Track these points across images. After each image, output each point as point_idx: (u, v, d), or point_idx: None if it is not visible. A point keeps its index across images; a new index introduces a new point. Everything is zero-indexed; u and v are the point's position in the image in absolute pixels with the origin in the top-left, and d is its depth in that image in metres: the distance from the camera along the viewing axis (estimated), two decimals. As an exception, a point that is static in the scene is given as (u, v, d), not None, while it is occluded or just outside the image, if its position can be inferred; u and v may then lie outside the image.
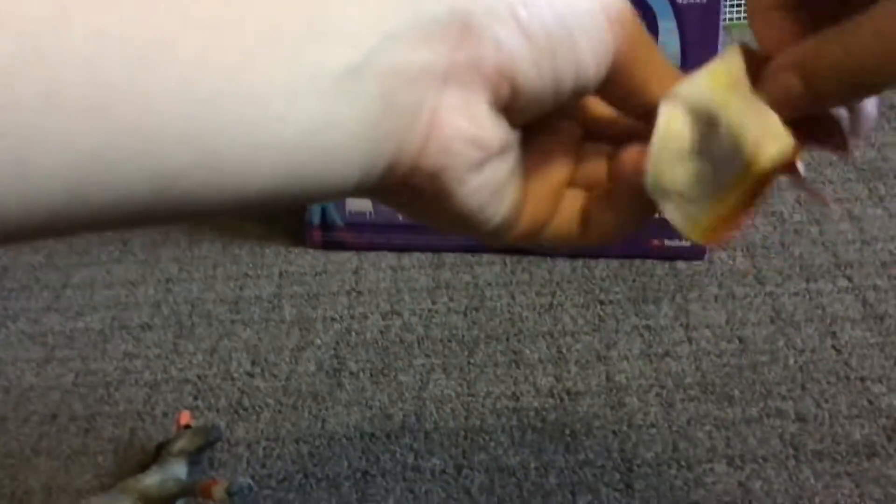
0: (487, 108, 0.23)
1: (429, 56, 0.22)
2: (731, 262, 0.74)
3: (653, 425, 0.60)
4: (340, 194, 0.23)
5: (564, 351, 0.67)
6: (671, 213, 0.27)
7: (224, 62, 0.19)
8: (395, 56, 0.21)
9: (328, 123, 0.21)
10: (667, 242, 0.75)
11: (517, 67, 0.23)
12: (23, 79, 0.16)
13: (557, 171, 0.27)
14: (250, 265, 0.80)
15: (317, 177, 0.21)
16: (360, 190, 0.23)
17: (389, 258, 0.79)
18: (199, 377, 0.68)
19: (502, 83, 0.23)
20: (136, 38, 0.18)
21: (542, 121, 0.27)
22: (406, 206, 0.26)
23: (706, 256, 0.75)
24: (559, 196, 0.28)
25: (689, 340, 0.67)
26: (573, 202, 0.28)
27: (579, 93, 0.24)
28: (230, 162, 0.20)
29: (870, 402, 0.60)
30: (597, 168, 0.28)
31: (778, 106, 0.25)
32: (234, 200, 0.20)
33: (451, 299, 0.74)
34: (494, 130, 0.24)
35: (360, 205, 0.79)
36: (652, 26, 0.71)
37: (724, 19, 1.16)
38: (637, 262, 0.75)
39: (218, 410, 0.65)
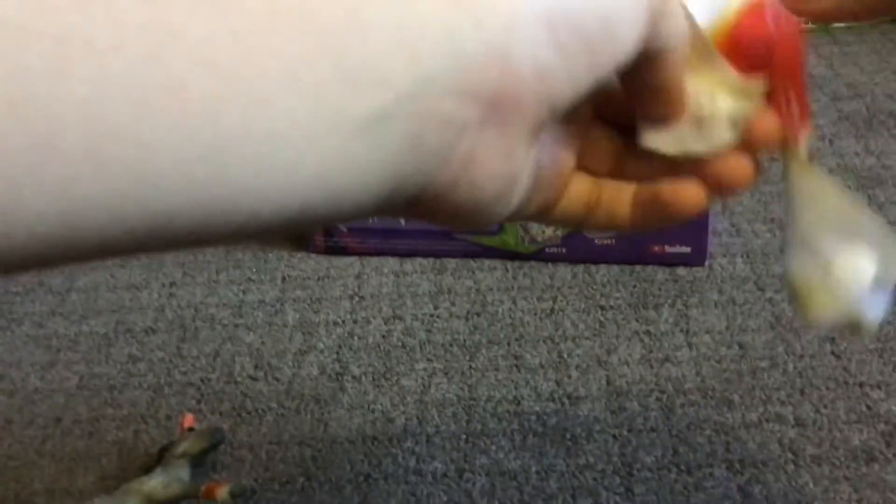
0: (525, 140, 0.22)
1: (465, 104, 0.20)
2: (731, 268, 0.75)
3: (653, 430, 0.61)
4: (351, 220, 0.22)
5: (565, 355, 0.68)
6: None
7: (236, 108, 0.18)
8: (430, 101, 0.20)
9: (347, 166, 0.20)
10: (667, 248, 0.75)
11: (555, 88, 0.21)
12: (17, 125, 0.16)
13: (568, 156, 0.27)
14: (253, 270, 0.81)
15: (328, 212, 0.20)
16: (373, 216, 0.22)
17: (392, 263, 0.80)
18: (202, 381, 0.69)
19: (541, 110, 0.22)
20: (141, 82, 0.17)
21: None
22: (419, 219, 0.25)
23: (707, 262, 0.75)
24: (568, 179, 0.27)
25: (690, 346, 0.67)
26: (580, 186, 0.28)
27: (620, 61, 0.23)
28: (233, 203, 0.19)
29: (868, 407, 0.61)
30: (604, 154, 0.28)
31: None
32: (234, 235, 0.20)
33: (452, 304, 0.74)
34: (527, 156, 0.23)
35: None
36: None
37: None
38: (638, 267, 0.76)
39: (221, 413, 0.65)
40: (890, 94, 0.99)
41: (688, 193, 0.26)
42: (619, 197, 0.28)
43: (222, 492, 0.54)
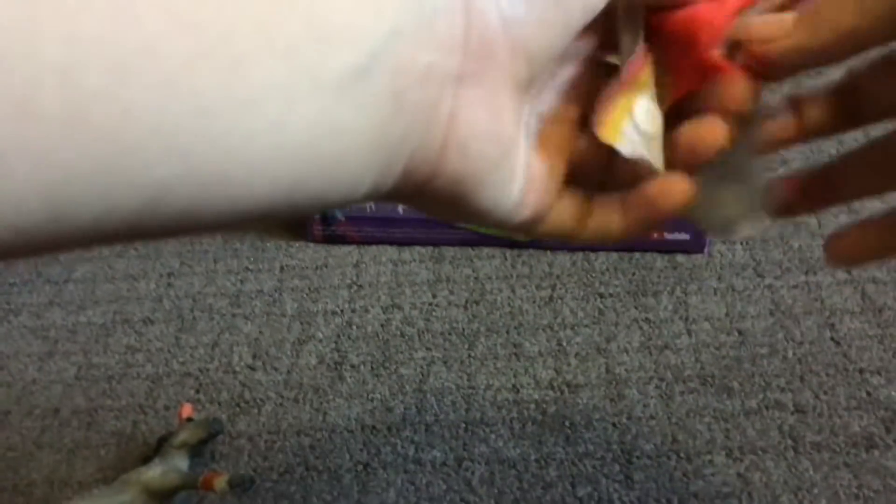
0: (508, 98, 0.22)
1: (438, 51, 0.20)
2: (730, 255, 0.75)
3: (652, 417, 0.60)
4: (351, 202, 0.21)
5: (564, 343, 0.67)
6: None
7: (213, 68, 0.17)
8: (403, 54, 0.20)
9: (333, 130, 0.19)
10: (666, 235, 0.75)
11: (527, 37, 0.21)
12: None
13: (558, 160, 0.27)
14: (251, 259, 0.80)
15: (323, 186, 0.20)
16: (371, 197, 0.22)
17: (390, 252, 0.79)
18: (200, 371, 0.68)
19: (518, 64, 0.22)
20: (114, 43, 0.16)
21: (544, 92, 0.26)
22: (423, 208, 0.25)
23: (706, 249, 0.75)
24: (559, 185, 0.27)
25: (689, 333, 0.67)
26: (570, 198, 0.27)
27: (592, 14, 0.23)
28: (224, 173, 0.18)
29: (868, 393, 0.60)
30: (593, 163, 0.28)
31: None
32: (231, 214, 0.19)
33: (451, 293, 0.74)
34: (513, 118, 0.23)
35: (361, 199, 0.79)
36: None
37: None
38: (637, 254, 0.76)
39: (219, 403, 0.65)
40: (890, 79, 0.98)
41: (673, 186, 0.26)
42: (610, 205, 0.27)
43: (220, 482, 0.54)
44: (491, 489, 0.57)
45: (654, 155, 0.26)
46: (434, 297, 0.74)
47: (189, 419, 0.60)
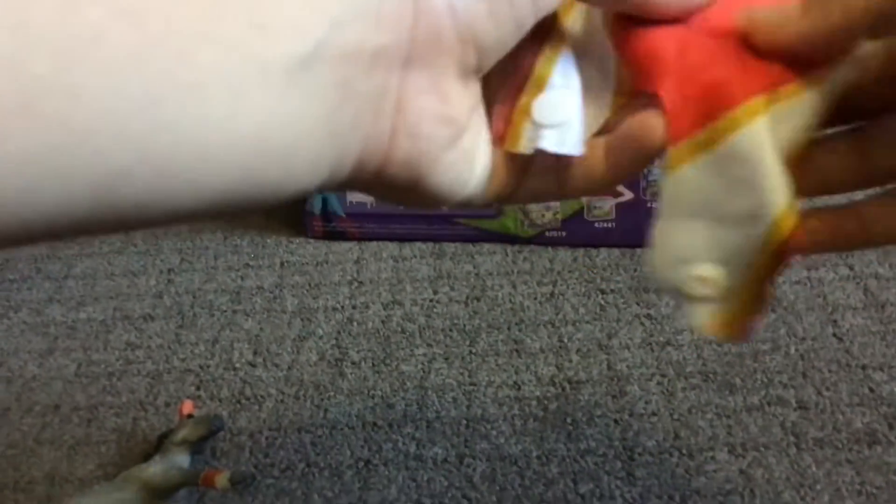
0: (456, 81, 0.22)
1: (384, 38, 0.20)
2: (732, 250, 0.74)
3: (654, 414, 0.60)
4: (307, 192, 0.21)
5: (566, 340, 0.67)
6: (690, 305, 0.25)
7: (159, 56, 0.17)
8: (347, 41, 0.20)
9: (283, 119, 0.19)
10: (668, 231, 0.75)
11: (477, 27, 0.21)
12: None
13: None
14: (251, 255, 0.80)
15: (277, 176, 0.20)
16: (328, 187, 0.22)
17: (391, 248, 0.79)
18: (201, 367, 0.68)
19: (467, 50, 0.22)
20: (61, 31, 0.16)
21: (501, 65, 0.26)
22: (382, 196, 0.25)
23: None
24: (524, 161, 0.27)
25: (691, 329, 0.67)
26: (545, 158, 0.27)
27: (542, 14, 0.23)
28: (176, 164, 0.18)
29: (871, 389, 0.60)
30: None
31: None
32: (185, 206, 0.19)
33: (452, 289, 0.74)
34: (463, 101, 0.23)
35: (362, 195, 0.79)
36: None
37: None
38: (638, 251, 0.75)
39: (220, 400, 0.65)
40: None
41: (653, 121, 0.25)
42: (592, 153, 0.27)
43: (221, 479, 0.53)
44: (492, 486, 0.57)
45: (569, 141, 0.25)
46: (435, 293, 0.74)
47: (190, 416, 0.60)
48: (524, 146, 0.24)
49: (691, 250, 0.25)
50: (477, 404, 0.63)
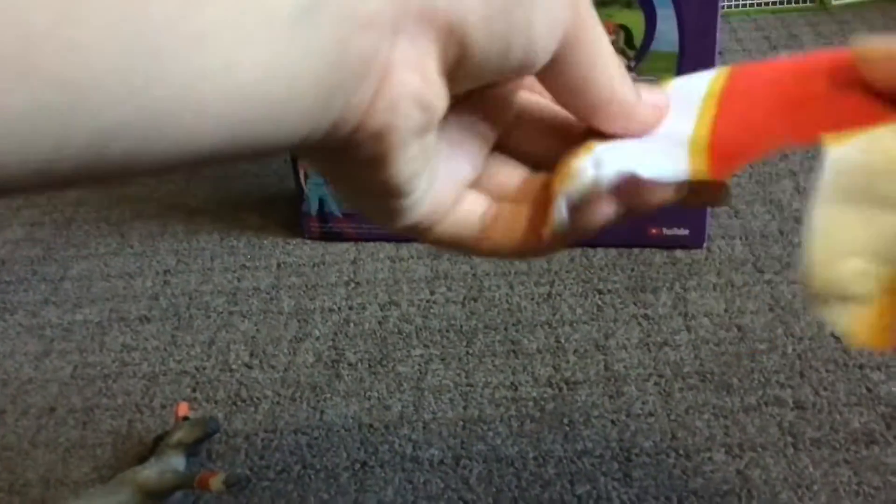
0: (436, 68, 0.22)
1: (383, 3, 0.20)
2: (729, 250, 0.74)
3: (651, 414, 0.60)
4: (280, 152, 0.21)
5: (563, 340, 0.67)
6: (838, 316, 0.22)
7: (163, 4, 0.17)
8: (350, 2, 0.20)
9: (281, 72, 0.19)
10: (665, 231, 0.75)
11: (469, 23, 0.21)
12: None
13: (468, 165, 0.26)
14: (248, 256, 0.80)
15: (265, 131, 0.20)
16: (299, 148, 0.21)
17: (387, 248, 0.79)
18: (197, 369, 0.68)
19: (451, 41, 0.21)
20: None
21: (467, 104, 0.26)
22: (336, 171, 0.24)
23: (705, 245, 0.75)
24: (461, 190, 0.27)
25: (688, 329, 0.67)
26: (474, 204, 0.27)
27: (522, 69, 0.23)
28: (173, 116, 0.18)
29: (868, 389, 0.60)
30: (505, 179, 0.27)
31: None
32: (172, 158, 0.19)
33: (449, 289, 0.74)
34: (442, 93, 0.22)
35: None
36: (650, 15, 0.70)
37: (723, 6, 1.16)
38: (635, 250, 0.75)
39: (216, 402, 0.65)
40: (890, 72, 0.98)
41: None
42: (519, 213, 0.27)
43: (216, 481, 0.53)
44: (489, 487, 0.56)
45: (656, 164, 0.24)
46: (432, 293, 0.73)
47: (185, 418, 0.60)
48: (579, 179, 0.24)
49: (852, 242, 0.22)
50: (473, 405, 0.62)
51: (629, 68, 0.72)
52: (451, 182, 0.26)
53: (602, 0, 0.70)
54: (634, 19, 0.70)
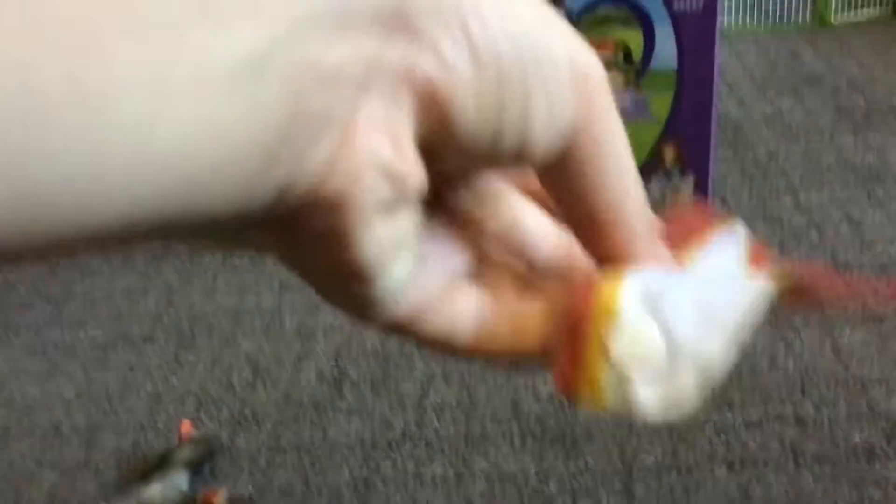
0: (411, 136, 0.18)
1: (351, 50, 0.16)
2: (730, 266, 0.74)
3: (653, 431, 0.60)
4: (209, 226, 0.17)
5: (564, 357, 0.67)
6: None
7: (54, 52, 0.14)
8: (312, 47, 0.16)
9: (214, 135, 0.15)
10: (666, 248, 0.75)
11: (456, 94, 0.17)
12: None
13: (460, 254, 0.22)
14: (251, 276, 0.80)
15: (187, 203, 0.16)
16: (234, 220, 0.17)
17: (389, 267, 0.79)
18: (200, 388, 0.68)
19: (433, 111, 0.17)
20: None
21: (458, 189, 0.21)
22: (289, 252, 0.20)
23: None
24: (454, 282, 0.22)
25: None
26: (465, 300, 0.22)
27: (518, 159, 0.19)
28: (65, 192, 0.14)
29: (869, 405, 0.60)
30: (503, 280, 0.22)
31: None
32: (72, 241, 0.15)
33: (451, 307, 0.74)
34: (416, 167, 0.18)
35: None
36: (649, 33, 0.71)
37: (722, 24, 1.16)
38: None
39: (220, 421, 0.65)
40: (889, 89, 0.98)
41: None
42: (529, 312, 0.22)
43: (220, 499, 0.54)
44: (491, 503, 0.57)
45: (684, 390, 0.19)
46: (434, 311, 0.74)
47: (189, 437, 0.60)
48: (610, 401, 0.18)
49: None
50: (475, 422, 0.63)
51: (628, 86, 0.73)
52: (442, 271, 0.21)
53: (601, 19, 0.71)
54: (633, 37, 0.71)
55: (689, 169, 0.74)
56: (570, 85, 0.18)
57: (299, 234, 0.18)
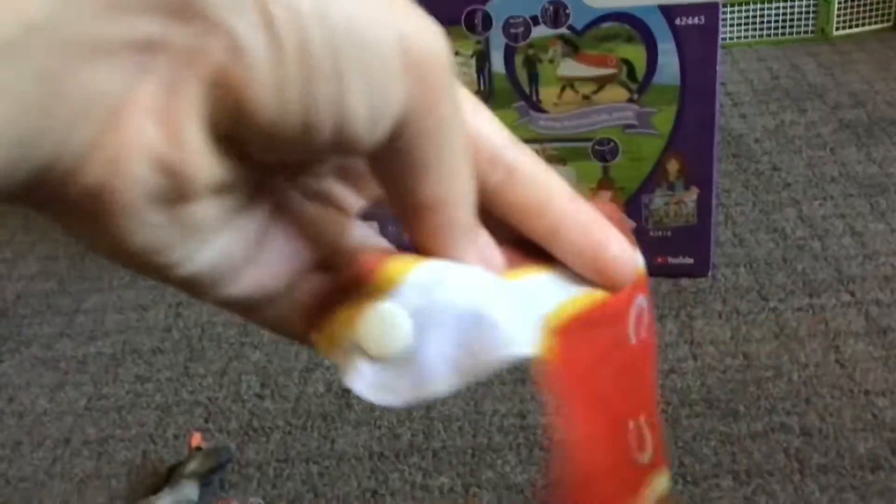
0: (198, 127, 0.16)
1: (123, 31, 0.15)
2: (734, 278, 0.75)
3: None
4: None
5: (570, 369, 0.68)
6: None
7: None
8: (78, 28, 0.14)
9: None
10: (670, 259, 0.76)
11: (251, 82, 0.16)
12: None
13: (302, 240, 0.20)
14: (259, 288, 0.81)
15: None
16: None
17: (396, 279, 0.80)
18: (209, 399, 0.69)
19: (225, 98, 0.16)
20: None
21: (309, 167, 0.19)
22: (60, 222, 0.18)
23: (710, 273, 0.76)
24: (294, 268, 0.20)
25: (694, 356, 0.67)
26: (309, 284, 0.20)
27: (343, 150, 0.17)
28: None
29: (874, 415, 0.61)
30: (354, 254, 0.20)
31: None
32: None
33: (457, 319, 0.74)
34: (205, 161, 0.16)
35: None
36: (651, 48, 0.72)
37: (724, 38, 1.17)
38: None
39: (229, 433, 0.66)
40: (891, 101, 0.99)
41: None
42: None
43: (230, 510, 0.54)
44: (499, 515, 0.57)
45: (400, 388, 0.18)
46: (440, 323, 0.74)
47: (198, 448, 0.61)
48: (339, 359, 0.18)
49: None
50: (482, 433, 0.63)
51: (632, 101, 0.74)
52: (284, 256, 0.20)
53: (604, 35, 0.72)
54: (636, 53, 0.72)
55: (692, 182, 0.75)
56: (399, 72, 0.16)
57: (66, 212, 0.17)
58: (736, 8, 1.19)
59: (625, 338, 0.20)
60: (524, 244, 0.20)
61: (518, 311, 0.18)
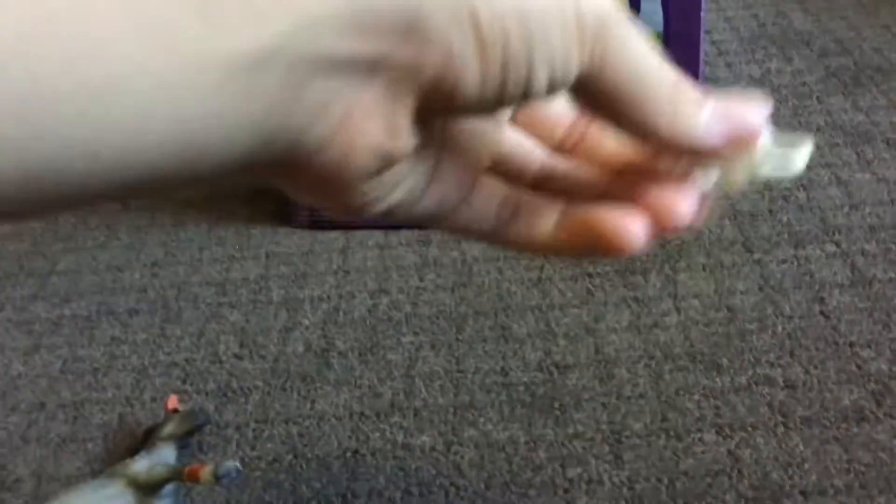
0: (408, 120, 0.20)
1: (357, 46, 0.18)
2: (718, 230, 0.74)
3: (642, 396, 0.60)
4: (204, 184, 0.19)
5: (553, 325, 0.67)
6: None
7: (57, 47, 0.14)
8: (323, 42, 0.17)
9: (209, 122, 0.17)
10: (654, 213, 0.74)
11: (462, 80, 0.19)
12: None
13: (479, 154, 0.24)
14: (236, 247, 0.80)
15: (178, 169, 0.17)
16: (228, 178, 0.19)
17: (377, 236, 0.79)
18: (186, 361, 0.68)
19: (437, 93, 0.19)
20: None
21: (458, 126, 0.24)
22: (296, 187, 0.22)
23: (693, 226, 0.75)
24: (477, 177, 0.24)
25: (678, 310, 0.67)
26: (493, 188, 0.24)
27: (523, 103, 0.21)
28: (64, 168, 0.15)
29: (858, 367, 0.60)
30: (525, 163, 0.25)
31: None
32: (66, 204, 0.17)
33: (438, 276, 0.73)
34: (408, 141, 0.20)
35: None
36: (634, 2, 0.70)
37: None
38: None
39: (206, 394, 0.65)
40: (877, 48, 0.97)
41: (631, 228, 0.22)
42: (542, 211, 0.24)
43: (206, 473, 0.53)
44: (481, 473, 0.56)
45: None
46: (421, 280, 0.73)
47: (175, 410, 0.60)
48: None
49: None
50: (464, 391, 0.62)
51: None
52: (462, 172, 0.24)
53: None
54: None
55: (676, 132, 0.73)
56: (576, 41, 0.19)
57: (303, 179, 0.21)
58: (721, -46, 1.17)
59: None
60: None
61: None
